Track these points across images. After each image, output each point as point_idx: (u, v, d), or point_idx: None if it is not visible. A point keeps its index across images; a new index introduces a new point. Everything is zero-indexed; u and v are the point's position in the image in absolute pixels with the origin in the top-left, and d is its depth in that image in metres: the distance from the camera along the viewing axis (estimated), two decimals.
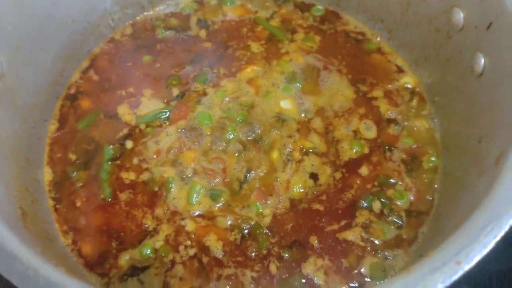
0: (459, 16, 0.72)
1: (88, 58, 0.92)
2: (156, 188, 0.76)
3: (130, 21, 0.96)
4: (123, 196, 0.76)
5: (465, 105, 0.74)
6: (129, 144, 0.80)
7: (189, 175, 0.76)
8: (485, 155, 0.62)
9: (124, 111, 0.84)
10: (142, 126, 0.82)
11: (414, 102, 0.84)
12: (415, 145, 0.79)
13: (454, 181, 0.73)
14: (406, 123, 0.82)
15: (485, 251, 0.45)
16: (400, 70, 0.89)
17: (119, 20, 0.94)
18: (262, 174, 0.76)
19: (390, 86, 0.86)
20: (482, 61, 0.68)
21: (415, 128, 0.81)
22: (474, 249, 0.45)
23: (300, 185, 0.75)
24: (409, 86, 0.87)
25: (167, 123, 0.83)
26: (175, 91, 0.86)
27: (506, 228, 0.45)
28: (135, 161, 0.78)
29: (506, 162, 0.52)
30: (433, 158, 0.78)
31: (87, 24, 0.89)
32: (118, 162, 0.79)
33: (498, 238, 0.45)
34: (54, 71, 0.85)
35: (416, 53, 0.88)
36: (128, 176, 0.77)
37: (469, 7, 0.71)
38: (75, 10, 0.86)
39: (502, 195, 0.49)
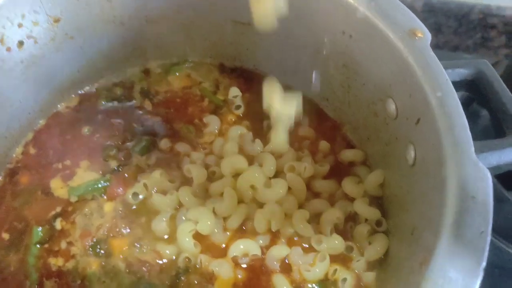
0: (393, 106, 0.75)
1: (33, 132, 0.89)
2: (79, 281, 0.72)
3: (79, 92, 0.95)
4: (49, 284, 0.72)
5: (402, 192, 0.74)
6: (58, 224, 0.77)
7: (119, 267, 0.73)
8: (414, 250, 0.63)
9: (56, 185, 0.81)
10: (73, 199, 0.79)
11: None
12: None
13: (392, 270, 0.72)
14: None
15: None
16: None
17: (67, 95, 0.93)
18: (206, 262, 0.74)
19: None
20: (413, 153, 0.70)
21: None
22: None
23: None
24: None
25: (105, 197, 0.80)
26: (113, 163, 0.84)
27: None
28: (63, 244, 0.75)
29: (427, 271, 0.52)
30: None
31: (34, 103, 0.87)
32: (46, 245, 0.75)
33: None
34: None
35: (359, 132, 0.90)
36: (56, 262, 0.73)
37: (400, 100, 0.73)
38: (20, 92, 0.83)
39: None
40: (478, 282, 0.49)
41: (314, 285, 0.73)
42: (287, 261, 0.75)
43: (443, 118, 0.63)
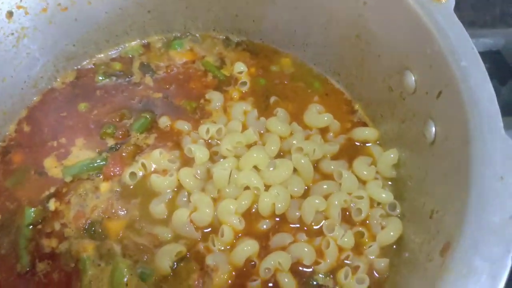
0: (411, 79, 0.68)
1: (27, 109, 0.84)
2: (72, 264, 0.68)
3: (75, 67, 0.90)
4: (41, 266, 0.68)
5: (419, 172, 0.69)
6: (52, 205, 0.73)
7: (115, 250, 0.68)
8: (434, 235, 0.57)
9: (51, 164, 0.77)
10: (68, 179, 0.75)
11: None
12: None
13: (407, 256, 0.67)
14: None
15: None
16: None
17: (63, 70, 0.88)
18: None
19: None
20: (433, 129, 0.64)
21: None
22: None
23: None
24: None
25: (101, 177, 0.76)
26: (111, 142, 0.79)
27: None
28: (57, 226, 0.71)
29: (449, 260, 0.46)
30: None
31: (27, 77, 0.82)
32: (39, 226, 0.71)
33: None
34: None
35: (373, 109, 0.84)
36: (50, 244, 0.69)
37: (420, 72, 0.67)
38: (10, 66, 0.78)
39: None
40: (507, 272, 0.44)
41: (320, 274, 0.68)
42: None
43: (468, 91, 0.57)
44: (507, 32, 0.71)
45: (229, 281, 0.67)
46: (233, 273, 0.68)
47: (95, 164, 0.77)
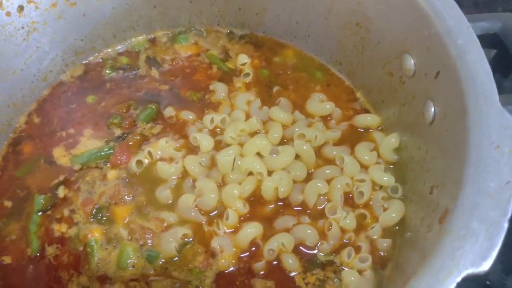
0: (410, 62, 0.70)
1: (37, 102, 0.87)
2: (81, 248, 0.69)
3: (83, 62, 0.92)
4: (50, 250, 0.70)
5: (420, 152, 0.70)
6: (61, 192, 0.74)
7: (122, 234, 0.70)
8: (434, 208, 0.58)
9: (60, 154, 0.79)
10: (77, 167, 0.77)
11: None
12: None
13: (409, 234, 0.68)
14: None
15: None
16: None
17: (72, 64, 0.90)
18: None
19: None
20: (432, 109, 0.65)
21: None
22: None
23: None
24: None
25: (109, 165, 0.78)
26: (117, 131, 0.81)
27: None
28: (66, 212, 0.73)
29: (447, 224, 0.47)
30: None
31: (37, 71, 0.85)
32: (49, 212, 0.73)
33: None
34: (1, 121, 0.81)
35: (374, 96, 0.85)
36: (60, 228, 0.71)
37: (418, 55, 0.68)
38: (21, 59, 0.81)
39: (441, 262, 0.44)
40: (503, 233, 0.44)
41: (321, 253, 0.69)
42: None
43: (465, 68, 0.58)
44: (502, 16, 0.72)
45: (234, 262, 0.68)
46: (238, 255, 0.69)
47: (103, 153, 0.79)
